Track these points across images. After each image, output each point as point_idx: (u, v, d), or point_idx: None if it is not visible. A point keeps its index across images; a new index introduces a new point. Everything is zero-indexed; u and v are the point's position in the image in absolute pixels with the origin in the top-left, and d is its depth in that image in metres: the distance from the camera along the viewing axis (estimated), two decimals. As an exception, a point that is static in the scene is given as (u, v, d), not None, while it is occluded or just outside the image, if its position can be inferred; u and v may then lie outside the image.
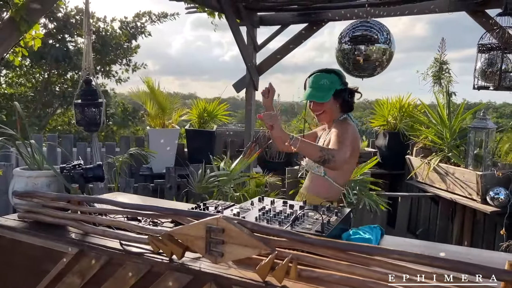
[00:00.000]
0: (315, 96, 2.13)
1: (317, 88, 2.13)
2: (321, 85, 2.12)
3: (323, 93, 2.11)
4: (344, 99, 2.16)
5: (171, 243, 1.41)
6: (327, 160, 1.96)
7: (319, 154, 1.96)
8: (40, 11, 1.99)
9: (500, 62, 3.17)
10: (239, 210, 1.78)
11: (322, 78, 2.13)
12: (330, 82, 2.12)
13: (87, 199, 1.66)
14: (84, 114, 2.46)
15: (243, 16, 4.00)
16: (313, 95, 2.14)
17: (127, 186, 3.65)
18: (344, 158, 1.99)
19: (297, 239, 1.25)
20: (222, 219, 1.31)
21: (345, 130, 2.11)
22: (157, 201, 2.46)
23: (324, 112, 2.18)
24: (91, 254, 1.56)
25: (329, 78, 2.12)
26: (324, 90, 2.11)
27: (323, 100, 2.12)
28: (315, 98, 2.14)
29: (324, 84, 2.12)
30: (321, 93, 2.11)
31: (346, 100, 2.17)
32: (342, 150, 2.00)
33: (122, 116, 9.33)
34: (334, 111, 2.19)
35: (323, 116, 2.21)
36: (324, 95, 2.11)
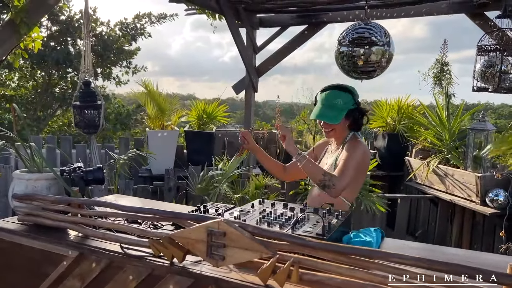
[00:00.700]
0: (327, 116, 2.06)
1: (330, 107, 2.05)
2: (334, 105, 2.05)
3: (335, 113, 2.04)
4: (354, 119, 2.11)
5: (172, 246, 1.41)
6: (327, 186, 1.94)
7: (321, 178, 1.94)
8: (40, 14, 1.99)
9: (500, 63, 3.18)
10: (239, 213, 1.77)
11: (336, 97, 2.06)
12: (344, 102, 2.04)
13: (87, 202, 1.66)
14: (83, 116, 2.45)
15: (243, 17, 4.00)
16: (325, 115, 2.07)
17: (127, 188, 3.64)
18: (343, 188, 1.96)
19: (298, 243, 1.25)
20: (223, 223, 1.31)
21: (353, 153, 2.04)
22: (157, 203, 2.46)
23: (334, 130, 2.13)
24: (92, 257, 1.55)
25: (343, 98, 2.05)
26: (337, 110, 2.04)
27: (335, 122, 2.06)
28: (327, 119, 2.07)
29: (338, 104, 2.04)
30: (333, 113, 2.05)
31: (356, 119, 2.11)
32: (343, 179, 1.95)
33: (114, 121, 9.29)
34: (344, 130, 2.14)
35: (332, 133, 2.16)
36: (336, 115, 2.04)
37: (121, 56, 9.00)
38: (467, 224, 3.96)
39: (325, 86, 2.14)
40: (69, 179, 1.76)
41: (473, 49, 3.40)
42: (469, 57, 4.08)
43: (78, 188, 1.71)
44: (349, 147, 2.08)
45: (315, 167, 1.99)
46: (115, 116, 9.13)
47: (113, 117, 9.08)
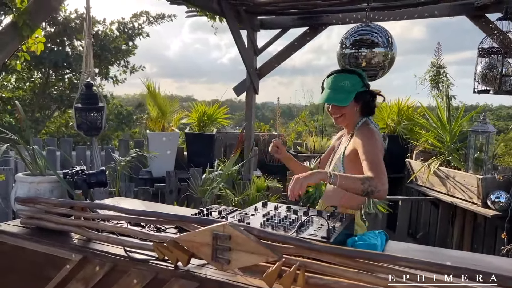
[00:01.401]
0: (335, 99, 1.95)
1: (338, 90, 1.95)
2: (342, 87, 1.95)
3: (343, 96, 1.94)
4: (364, 102, 2.00)
5: (177, 249, 1.40)
6: (370, 192, 1.79)
7: (362, 188, 1.78)
8: (43, 16, 1.99)
9: (501, 66, 3.19)
10: (243, 215, 1.77)
11: (343, 79, 1.96)
12: (352, 84, 1.95)
13: (91, 205, 1.65)
14: (85, 118, 2.45)
15: (244, 19, 4.01)
16: (333, 98, 1.96)
17: (128, 190, 3.63)
18: (386, 185, 1.80)
19: (304, 246, 1.24)
20: (228, 226, 1.30)
21: (373, 143, 1.89)
22: (159, 206, 2.45)
23: (343, 115, 2.02)
24: (95, 260, 1.55)
25: (350, 80, 1.95)
26: (345, 92, 1.94)
27: (344, 103, 1.95)
28: (335, 101, 1.96)
29: (345, 86, 1.94)
30: (341, 95, 1.94)
31: (367, 103, 2.00)
32: (381, 176, 1.79)
33: (116, 121, 9.28)
34: (354, 114, 2.02)
35: (341, 119, 2.04)
36: (345, 97, 1.93)
37: (118, 55, 8.96)
38: (468, 226, 3.96)
39: (332, 71, 2.05)
40: (72, 182, 1.75)
41: (471, 50, 3.43)
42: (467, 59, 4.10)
43: (81, 191, 1.70)
44: (362, 136, 1.93)
45: (350, 180, 1.79)
46: (115, 116, 9.11)
47: (113, 117, 9.06)
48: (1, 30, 1.91)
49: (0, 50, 1.81)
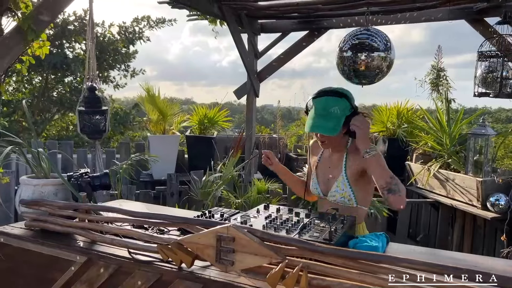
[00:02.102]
0: (325, 128, 1.85)
1: (326, 117, 1.84)
2: (331, 113, 1.84)
3: (333, 123, 1.83)
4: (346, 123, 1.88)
5: (181, 251, 1.41)
6: (392, 190, 1.76)
7: (388, 181, 1.76)
8: (48, 20, 2.01)
9: (500, 69, 3.21)
10: (245, 218, 1.78)
11: (332, 104, 1.84)
12: (341, 110, 1.83)
13: (95, 207, 1.67)
14: (88, 121, 2.46)
15: (245, 23, 4.03)
16: (323, 127, 1.86)
17: (129, 193, 3.65)
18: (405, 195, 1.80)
19: (307, 248, 1.26)
20: (232, 228, 1.32)
21: (383, 162, 1.87)
22: (161, 208, 2.46)
23: (330, 139, 1.94)
24: (100, 262, 1.56)
25: (340, 105, 1.83)
26: (334, 120, 1.83)
27: (334, 133, 1.85)
28: (325, 131, 1.86)
29: (334, 112, 1.83)
30: (331, 123, 1.83)
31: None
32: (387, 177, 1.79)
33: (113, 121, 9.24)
34: (340, 137, 1.95)
35: (327, 143, 1.98)
36: (334, 126, 1.83)
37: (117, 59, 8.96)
38: (468, 229, 3.97)
39: (317, 92, 1.93)
40: (76, 185, 1.77)
41: (469, 53, 3.47)
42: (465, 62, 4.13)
43: (85, 194, 1.72)
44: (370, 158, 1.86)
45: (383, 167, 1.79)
46: (112, 116, 9.09)
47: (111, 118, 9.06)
48: (6, 35, 1.93)
49: (5, 54, 1.83)
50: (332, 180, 2.01)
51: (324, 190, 2.05)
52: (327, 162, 2.07)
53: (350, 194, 1.97)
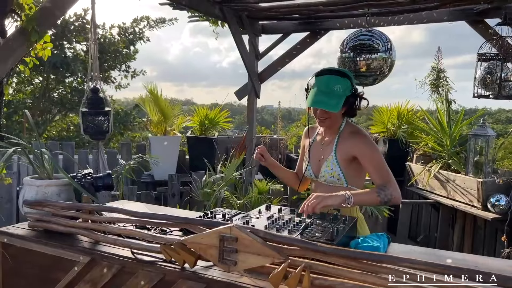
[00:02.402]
0: (328, 104, 1.87)
1: (329, 94, 1.88)
2: (334, 91, 1.88)
3: (335, 101, 1.87)
4: (350, 105, 1.96)
5: (184, 251, 1.42)
6: (386, 201, 1.84)
7: (378, 199, 1.83)
8: (51, 22, 2.02)
9: (500, 71, 3.22)
10: (247, 218, 1.79)
11: (335, 82, 1.89)
12: (343, 89, 1.88)
13: (98, 208, 1.68)
14: (92, 122, 2.48)
15: (246, 25, 4.04)
16: (325, 103, 1.88)
17: (131, 193, 3.66)
18: (398, 189, 1.87)
19: (310, 248, 1.27)
20: (235, 228, 1.33)
21: (375, 149, 1.95)
22: (163, 209, 2.48)
23: (329, 118, 1.99)
24: (103, 262, 1.57)
25: (342, 84, 1.88)
26: (337, 97, 1.87)
27: (336, 110, 1.88)
28: (328, 107, 1.88)
29: (337, 90, 1.87)
30: (333, 100, 1.87)
31: (351, 105, 1.96)
32: (391, 181, 1.86)
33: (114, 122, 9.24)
34: (339, 117, 2.01)
35: (327, 122, 2.01)
36: (337, 103, 1.86)
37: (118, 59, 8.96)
38: (468, 229, 3.98)
39: (320, 70, 1.98)
40: (79, 185, 1.78)
41: (469, 54, 3.47)
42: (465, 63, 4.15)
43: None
44: (361, 143, 1.95)
45: (365, 196, 1.85)
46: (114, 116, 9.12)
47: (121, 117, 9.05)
48: (9, 36, 1.94)
49: (9, 56, 1.84)
50: (323, 161, 2.06)
51: (315, 171, 2.10)
52: (319, 145, 2.13)
53: (339, 174, 2.01)
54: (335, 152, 2.02)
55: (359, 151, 1.94)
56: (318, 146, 2.13)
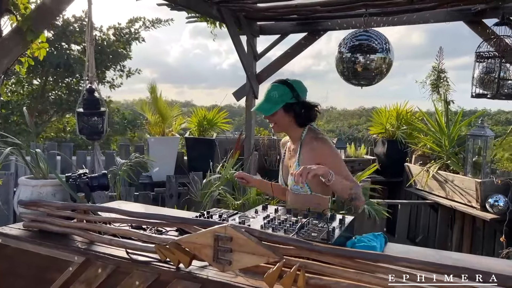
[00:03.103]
0: (262, 108, 2.09)
1: (266, 100, 2.09)
2: (270, 97, 2.08)
3: (269, 106, 2.07)
4: (295, 113, 2.08)
5: (178, 251, 1.41)
6: (354, 199, 1.98)
7: (349, 192, 1.97)
8: (47, 21, 2.01)
9: (498, 70, 3.22)
10: (244, 218, 1.79)
11: (272, 90, 2.09)
12: (279, 95, 2.05)
13: (93, 208, 1.67)
14: (87, 123, 2.47)
15: (243, 25, 4.04)
16: (259, 107, 2.11)
17: (128, 194, 3.65)
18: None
19: (305, 247, 1.26)
20: (230, 228, 1.32)
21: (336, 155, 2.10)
22: (160, 209, 2.47)
23: (276, 124, 2.14)
24: (98, 263, 1.56)
25: (279, 90, 2.06)
26: (271, 103, 2.07)
27: (267, 113, 2.08)
28: (261, 110, 2.10)
29: (273, 97, 2.07)
30: (268, 105, 2.07)
31: (298, 113, 2.08)
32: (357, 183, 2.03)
33: (123, 124, 9.25)
34: (288, 124, 2.12)
35: (275, 127, 2.17)
36: (270, 107, 2.06)
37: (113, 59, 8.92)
38: (467, 230, 3.97)
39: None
40: (75, 185, 1.77)
41: (469, 56, 3.46)
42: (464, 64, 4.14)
43: (84, 194, 1.72)
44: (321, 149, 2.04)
45: (342, 181, 1.96)
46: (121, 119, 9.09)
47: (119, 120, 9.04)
48: (5, 36, 1.93)
49: (5, 55, 1.84)
50: (290, 170, 2.18)
51: (286, 181, 2.23)
52: (288, 154, 2.26)
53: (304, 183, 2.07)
54: (298, 161, 2.11)
55: (320, 159, 2.01)
56: (287, 157, 2.26)
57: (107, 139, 8.70)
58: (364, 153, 5.65)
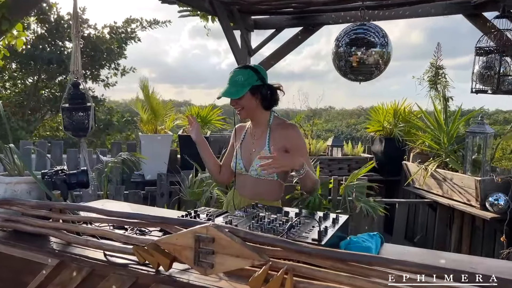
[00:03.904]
0: (229, 92, 2.07)
1: (232, 84, 2.07)
2: (236, 81, 2.07)
3: (236, 89, 2.05)
4: (262, 95, 2.09)
5: (158, 253, 1.32)
6: (313, 190, 2.14)
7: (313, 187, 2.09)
8: (23, 10, 1.91)
9: (498, 65, 3.12)
10: (232, 217, 1.70)
11: (237, 74, 2.08)
12: (245, 79, 2.06)
13: (69, 206, 1.56)
14: (71, 118, 2.36)
15: (237, 19, 3.93)
16: (226, 92, 2.08)
17: (117, 193, 3.54)
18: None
19: (293, 249, 1.16)
20: (212, 228, 1.22)
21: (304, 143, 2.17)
22: (147, 208, 2.36)
23: (243, 108, 2.11)
24: (73, 265, 1.46)
25: (244, 74, 2.07)
26: (238, 86, 2.05)
27: (236, 96, 2.06)
28: (228, 94, 2.07)
29: (238, 80, 2.06)
30: (234, 88, 2.06)
31: (264, 96, 2.09)
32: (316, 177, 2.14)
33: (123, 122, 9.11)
34: (255, 108, 2.12)
35: (243, 112, 2.13)
36: (237, 91, 2.05)
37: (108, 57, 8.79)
38: (466, 229, 3.90)
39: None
40: (51, 183, 1.66)
41: (468, 56, 3.36)
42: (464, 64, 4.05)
43: (59, 192, 1.61)
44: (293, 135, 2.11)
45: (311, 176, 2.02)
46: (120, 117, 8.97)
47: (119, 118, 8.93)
48: (-22, 24, 1.82)
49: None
50: (254, 154, 2.15)
51: (246, 165, 2.19)
52: (249, 138, 2.23)
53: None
54: (268, 145, 2.10)
55: (292, 143, 2.08)
56: (249, 141, 2.23)
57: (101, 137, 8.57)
58: (361, 151, 5.56)
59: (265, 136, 2.15)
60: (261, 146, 2.15)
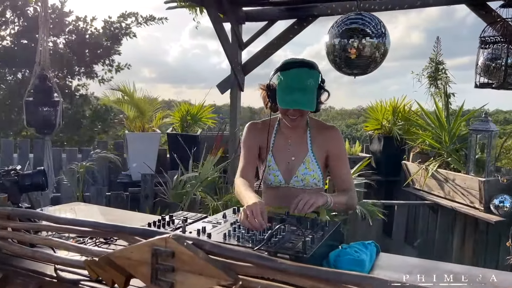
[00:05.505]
0: (304, 103, 1.65)
1: (304, 91, 1.65)
2: (307, 86, 1.65)
3: (312, 97, 1.65)
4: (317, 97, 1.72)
5: (111, 268, 1.11)
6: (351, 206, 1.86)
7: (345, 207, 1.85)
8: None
9: (505, 56, 2.93)
10: (207, 224, 1.50)
11: (307, 76, 1.66)
12: (315, 82, 1.68)
13: (15, 212, 1.35)
14: (36, 114, 2.15)
15: (227, 11, 3.73)
16: (302, 103, 1.65)
17: (99, 195, 3.34)
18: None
19: (266, 265, 0.95)
20: (171, 239, 1.01)
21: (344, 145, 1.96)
22: (119, 212, 2.15)
23: (301, 116, 1.76)
24: (17, 281, 1.27)
25: (314, 77, 1.68)
26: (311, 93, 1.66)
27: (312, 108, 1.66)
28: (306, 106, 1.65)
29: (310, 85, 1.66)
30: (309, 97, 1.65)
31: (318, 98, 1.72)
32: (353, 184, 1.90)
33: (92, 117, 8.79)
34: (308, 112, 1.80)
35: (298, 121, 1.77)
36: (312, 99, 1.65)
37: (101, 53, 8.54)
38: (469, 233, 3.74)
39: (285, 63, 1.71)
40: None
41: (468, 56, 3.17)
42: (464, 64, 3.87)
43: (6, 195, 1.40)
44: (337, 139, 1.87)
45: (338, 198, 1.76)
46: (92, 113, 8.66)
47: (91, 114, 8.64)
48: None
49: None
50: (296, 163, 1.84)
51: (286, 176, 1.86)
52: (284, 145, 1.88)
53: (320, 175, 1.85)
54: (311, 149, 1.85)
55: (335, 148, 1.85)
56: (283, 147, 1.88)
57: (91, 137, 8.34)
58: (359, 151, 5.37)
59: (306, 140, 1.84)
60: (303, 153, 1.83)
